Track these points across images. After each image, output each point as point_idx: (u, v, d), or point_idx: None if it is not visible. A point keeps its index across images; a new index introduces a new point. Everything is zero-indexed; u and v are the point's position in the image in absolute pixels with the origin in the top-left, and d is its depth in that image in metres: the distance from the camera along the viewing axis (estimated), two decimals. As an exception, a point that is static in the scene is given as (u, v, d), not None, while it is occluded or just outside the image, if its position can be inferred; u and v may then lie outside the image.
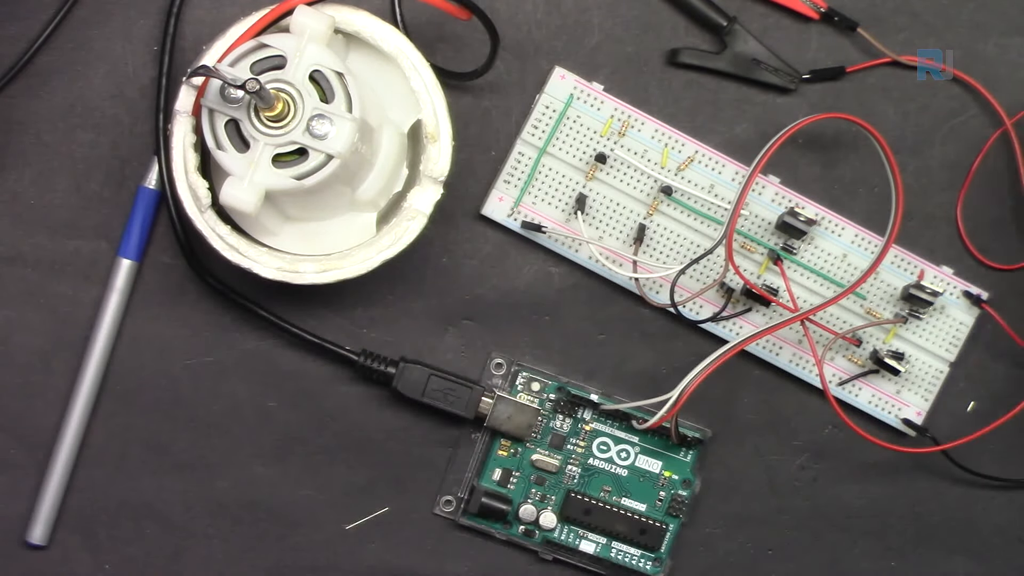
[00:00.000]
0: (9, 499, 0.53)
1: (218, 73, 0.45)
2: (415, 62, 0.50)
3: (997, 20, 0.57)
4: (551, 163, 0.55)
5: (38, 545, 0.53)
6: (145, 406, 0.54)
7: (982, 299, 0.57)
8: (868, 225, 0.56)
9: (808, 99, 0.57)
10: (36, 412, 0.53)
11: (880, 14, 0.57)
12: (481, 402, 0.54)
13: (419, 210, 0.50)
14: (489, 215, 0.55)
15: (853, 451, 0.57)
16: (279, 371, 0.55)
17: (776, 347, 0.57)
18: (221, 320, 0.54)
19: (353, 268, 0.50)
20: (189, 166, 0.49)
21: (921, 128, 0.57)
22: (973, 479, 0.58)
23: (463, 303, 0.56)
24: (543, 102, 0.55)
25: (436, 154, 0.50)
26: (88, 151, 0.54)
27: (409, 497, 0.55)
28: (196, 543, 0.55)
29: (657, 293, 0.56)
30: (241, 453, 0.55)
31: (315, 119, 0.46)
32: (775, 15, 0.56)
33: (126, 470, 0.54)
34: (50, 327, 0.54)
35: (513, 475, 0.56)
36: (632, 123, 0.55)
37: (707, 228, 0.56)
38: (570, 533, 0.56)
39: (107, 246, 0.54)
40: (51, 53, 0.53)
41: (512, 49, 0.55)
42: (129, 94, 0.54)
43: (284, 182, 0.46)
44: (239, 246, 0.49)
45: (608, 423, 0.56)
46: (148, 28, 0.54)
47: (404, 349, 0.55)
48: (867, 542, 0.58)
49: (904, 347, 0.57)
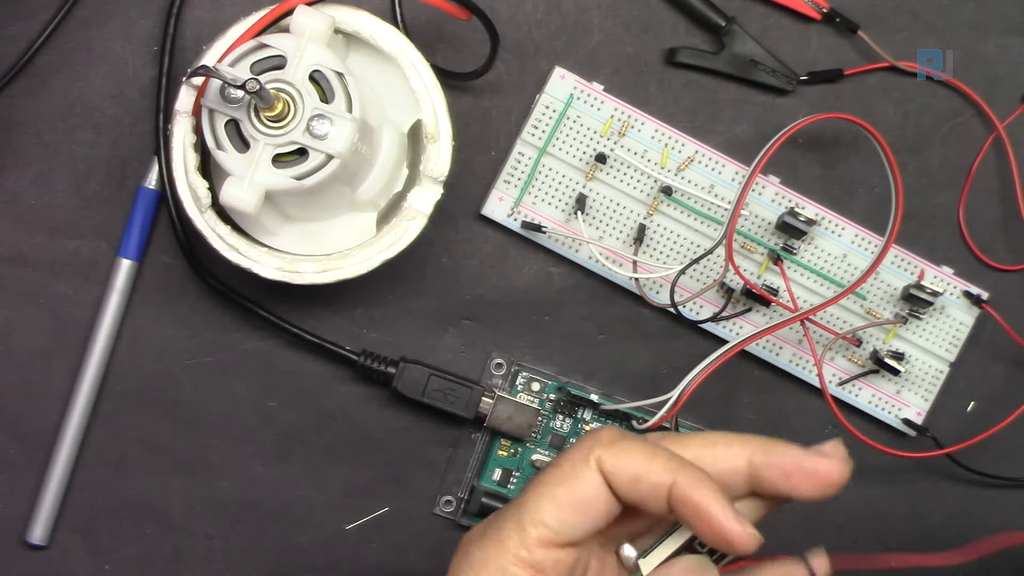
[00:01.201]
0: (9, 499, 0.53)
1: (218, 73, 0.45)
2: (415, 62, 0.50)
3: (997, 20, 0.57)
4: (551, 163, 0.55)
5: (38, 545, 0.53)
6: (145, 406, 0.54)
7: (982, 299, 0.57)
8: (868, 225, 0.56)
9: (808, 99, 0.57)
10: (36, 412, 0.53)
11: (880, 14, 0.57)
12: (481, 402, 0.54)
13: (419, 210, 0.50)
14: (489, 215, 0.55)
15: (853, 451, 0.57)
16: (279, 371, 0.55)
17: (776, 347, 0.57)
18: (221, 320, 0.54)
19: (353, 268, 0.50)
20: (189, 166, 0.49)
21: (921, 128, 0.57)
22: (973, 479, 0.58)
23: (463, 303, 0.56)
24: (543, 102, 0.55)
25: (436, 154, 0.50)
26: (88, 151, 0.54)
27: (409, 497, 0.55)
28: (196, 543, 0.55)
29: (657, 293, 0.56)
30: (241, 453, 0.55)
31: (315, 119, 0.46)
32: (776, 15, 0.56)
33: (126, 470, 0.54)
34: (50, 327, 0.54)
35: (513, 475, 0.56)
36: (632, 123, 0.55)
37: (707, 228, 0.56)
38: (570, 533, 0.56)
39: (107, 246, 0.54)
40: (51, 53, 0.53)
41: (512, 49, 0.55)
42: (129, 94, 0.54)
43: (284, 182, 0.46)
44: (239, 246, 0.49)
45: (608, 423, 0.56)
46: (148, 28, 0.54)
47: (404, 349, 0.55)
48: (867, 542, 0.58)
49: (904, 347, 0.57)
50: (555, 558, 0.39)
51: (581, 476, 0.39)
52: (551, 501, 0.39)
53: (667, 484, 0.38)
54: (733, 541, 0.37)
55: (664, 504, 0.38)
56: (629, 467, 0.38)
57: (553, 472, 0.39)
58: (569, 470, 0.39)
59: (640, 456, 0.38)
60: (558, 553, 0.39)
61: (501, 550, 0.39)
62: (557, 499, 0.39)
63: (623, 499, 0.39)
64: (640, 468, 0.38)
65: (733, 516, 0.37)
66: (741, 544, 0.38)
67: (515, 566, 0.39)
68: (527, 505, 0.39)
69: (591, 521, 0.39)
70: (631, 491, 0.38)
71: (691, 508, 0.38)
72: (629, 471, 0.38)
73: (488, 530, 0.40)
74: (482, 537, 0.40)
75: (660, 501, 0.38)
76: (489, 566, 0.39)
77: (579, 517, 0.39)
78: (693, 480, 0.38)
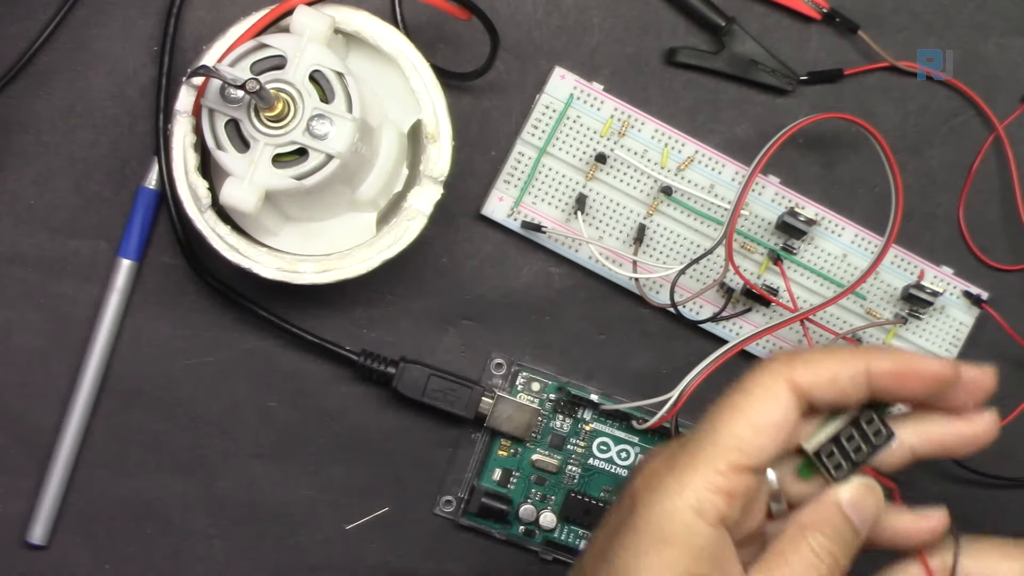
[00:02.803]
0: (9, 499, 0.53)
1: (218, 73, 0.45)
2: (415, 62, 0.50)
3: (997, 20, 0.57)
4: (551, 163, 0.55)
5: (38, 545, 0.53)
6: (145, 406, 0.54)
7: (982, 299, 0.57)
8: (868, 225, 0.56)
9: (808, 99, 0.57)
10: (36, 412, 0.53)
11: (880, 14, 0.57)
12: (481, 402, 0.54)
13: (419, 210, 0.50)
14: (489, 215, 0.55)
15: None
16: (279, 371, 0.55)
17: (776, 347, 0.57)
18: (221, 320, 0.54)
19: (353, 268, 0.50)
20: (189, 166, 0.49)
21: (921, 128, 0.57)
22: (973, 479, 0.58)
23: (463, 303, 0.56)
24: (543, 102, 0.55)
25: (436, 154, 0.50)
26: (88, 151, 0.54)
27: (409, 497, 0.55)
28: (196, 543, 0.55)
29: (657, 293, 0.56)
30: (241, 453, 0.55)
31: (315, 119, 0.46)
32: (776, 15, 0.56)
33: (126, 470, 0.54)
34: (50, 327, 0.54)
35: (513, 475, 0.56)
36: (632, 123, 0.55)
37: (707, 228, 0.56)
38: (570, 533, 0.56)
39: (107, 246, 0.54)
40: (51, 53, 0.53)
41: (512, 49, 0.55)
42: (129, 94, 0.54)
43: (284, 182, 0.46)
44: (239, 246, 0.49)
45: (608, 423, 0.56)
46: (148, 28, 0.54)
47: (404, 349, 0.55)
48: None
49: (904, 347, 0.57)
50: (747, 484, 0.39)
51: (776, 397, 0.40)
52: (748, 426, 0.39)
53: (863, 371, 0.40)
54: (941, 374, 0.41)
55: (864, 390, 0.40)
56: (824, 372, 0.40)
57: (743, 397, 0.40)
58: (761, 394, 0.40)
59: (826, 358, 0.40)
60: (749, 479, 0.39)
61: (695, 476, 0.39)
62: (753, 422, 0.39)
63: (821, 403, 0.40)
64: (832, 368, 0.40)
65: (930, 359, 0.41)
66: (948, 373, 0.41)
67: (711, 492, 0.39)
68: (721, 430, 0.39)
69: (782, 443, 0.40)
70: (830, 392, 0.40)
71: (895, 375, 0.40)
72: (825, 376, 0.40)
73: (677, 457, 0.40)
74: (671, 465, 0.40)
75: (860, 389, 0.40)
76: (685, 494, 0.39)
77: (772, 440, 0.40)
78: (883, 355, 0.40)
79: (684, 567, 0.38)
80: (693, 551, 0.38)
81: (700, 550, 0.38)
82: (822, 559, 0.40)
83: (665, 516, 0.39)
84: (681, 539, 0.38)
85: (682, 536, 0.38)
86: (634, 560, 0.39)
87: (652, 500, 0.39)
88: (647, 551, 0.39)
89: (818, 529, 0.41)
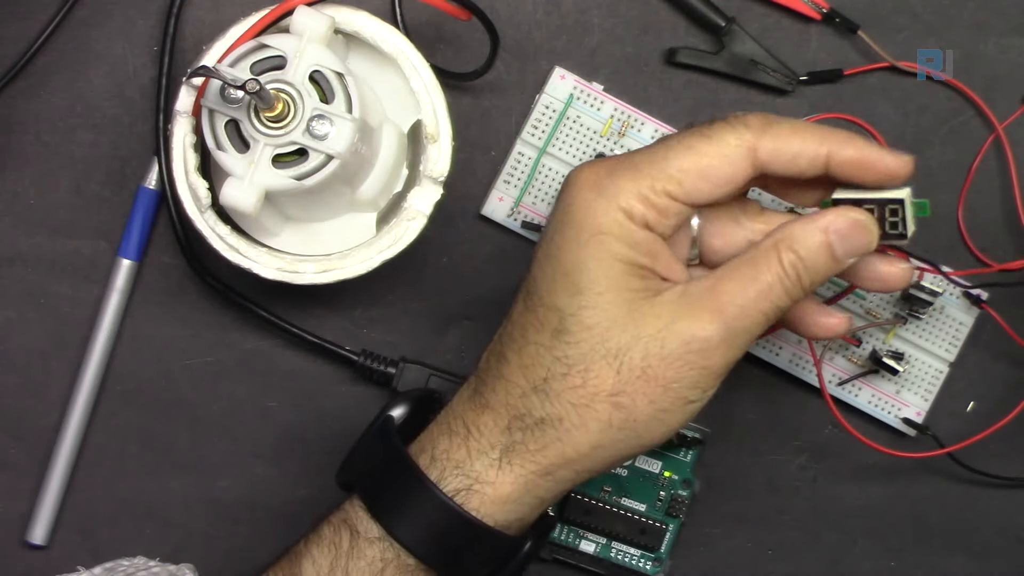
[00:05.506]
0: (9, 499, 0.54)
1: (218, 73, 0.45)
2: (415, 62, 0.50)
3: (997, 20, 0.57)
4: (551, 163, 0.55)
5: (38, 545, 0.53)
6: (145, 406, 0.54)
7: (982, 299, 0.57)
8: (868, 225, 0.56)
9: (808, 99, 0.57)
10: (36, 412, 0.53)
11: (880, 14, 0.56)
12: (481, 402, 0.54)
13: (419, 210, 0.50)
14: (489, 215, 0.55)
15: (853, 451, 0.57)
16: (279, 371, 0.55)
17: (776, 347, 0.57)
18: (221, 320, 0.54)
19: (353, 268, 0.50)
20: (189, 166, 0.49)
21: (921, 128, 0.57)
22: (973, 478, 0.58)
23: (463, 303, 0.56)
24: (543, 102, 0.55)
25: (436, 154, 0.50)
26: (88, 151, 0.54)
27: (409, 497, 0.55)
28: (196, 543, 0.55)
29: (657, 293, 0.56)
30: (241, 453, 0.55)
31: (315, 119, 0.46)
32: (776, 15, 0.56)
33: (126, 470, 0.54)
34: (50, 327, 0.54)
35: (513, 475, 0.56)
36: (632, 123, 0.55)
37: (707, 228, 0.56)
38: (570, 533, 0.56)
39: (107, 246, 0.54)
40: (51, 53, 0.53)
41: (512, 49, 0.55)
42: (129, 94, 0.54)
43: (284, 182, 0.46)
44: (239, 246, 0.49)
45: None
46: (148, 28, 0.54)
47: (404, 349, 0.55)
48: (867, 542, 0.58)
49: (904, 347, 0.57)
50: (677, 211, 0.43)
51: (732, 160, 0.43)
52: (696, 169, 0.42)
53: (824, 153, 0.43)
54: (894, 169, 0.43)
55: (821, 169, 0.43)
56: (786, 148, 0.43)
57: (704, 143, 0.43)
58: (719, 150, 0.43)
59: (792, 136, 0.43)
60: (680, 208, 0.43)
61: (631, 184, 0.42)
62: (702, 168, 0.42)
63: (778, 174, 0.43)
64: (796, 147, 0.43)
65: (887, 152, 0.43)
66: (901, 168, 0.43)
67: (641, 203, 0.42)
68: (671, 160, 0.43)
69: (720, 197, 0.43)
70: (789, 166, 0.43)
71: (851, 162, 0.43)
72: (786, 152, 0.43)
73: (620, 166, 0.43)
74: (611, 170, 0.43)
75: (818, 167, 0.43)
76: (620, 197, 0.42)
77: (713, 189, 0.43)
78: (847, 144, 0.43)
79: (623, 253, 0.42)
80: (629, 243, 0.42)
81: (635, 244, 0.43)
82: (788, 275, 0.43)
83: (600, 212, 0.42)
84: (616, 232, 0.42)
85: (617, 230, 0.42)
86: (577, 250, 0.43)
87: (589, 198, 0.43)
88: (588, 242, 0.43)
89: (794, 247, 0.43)
